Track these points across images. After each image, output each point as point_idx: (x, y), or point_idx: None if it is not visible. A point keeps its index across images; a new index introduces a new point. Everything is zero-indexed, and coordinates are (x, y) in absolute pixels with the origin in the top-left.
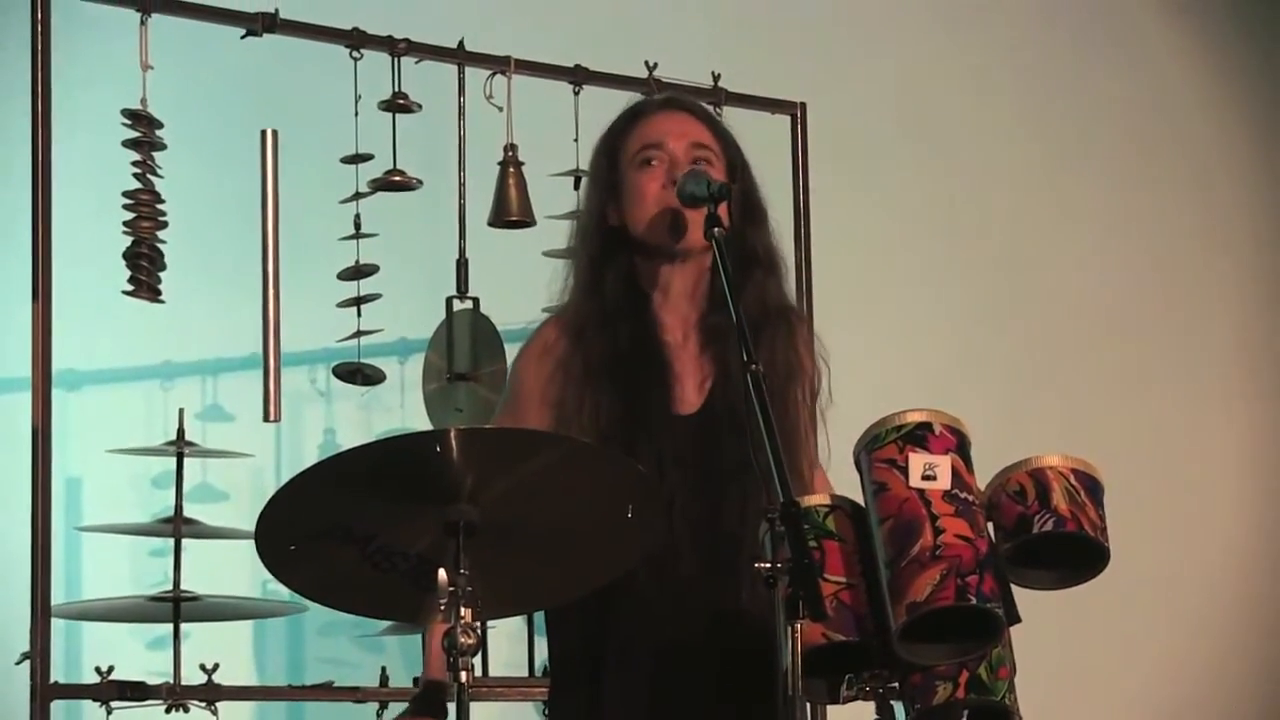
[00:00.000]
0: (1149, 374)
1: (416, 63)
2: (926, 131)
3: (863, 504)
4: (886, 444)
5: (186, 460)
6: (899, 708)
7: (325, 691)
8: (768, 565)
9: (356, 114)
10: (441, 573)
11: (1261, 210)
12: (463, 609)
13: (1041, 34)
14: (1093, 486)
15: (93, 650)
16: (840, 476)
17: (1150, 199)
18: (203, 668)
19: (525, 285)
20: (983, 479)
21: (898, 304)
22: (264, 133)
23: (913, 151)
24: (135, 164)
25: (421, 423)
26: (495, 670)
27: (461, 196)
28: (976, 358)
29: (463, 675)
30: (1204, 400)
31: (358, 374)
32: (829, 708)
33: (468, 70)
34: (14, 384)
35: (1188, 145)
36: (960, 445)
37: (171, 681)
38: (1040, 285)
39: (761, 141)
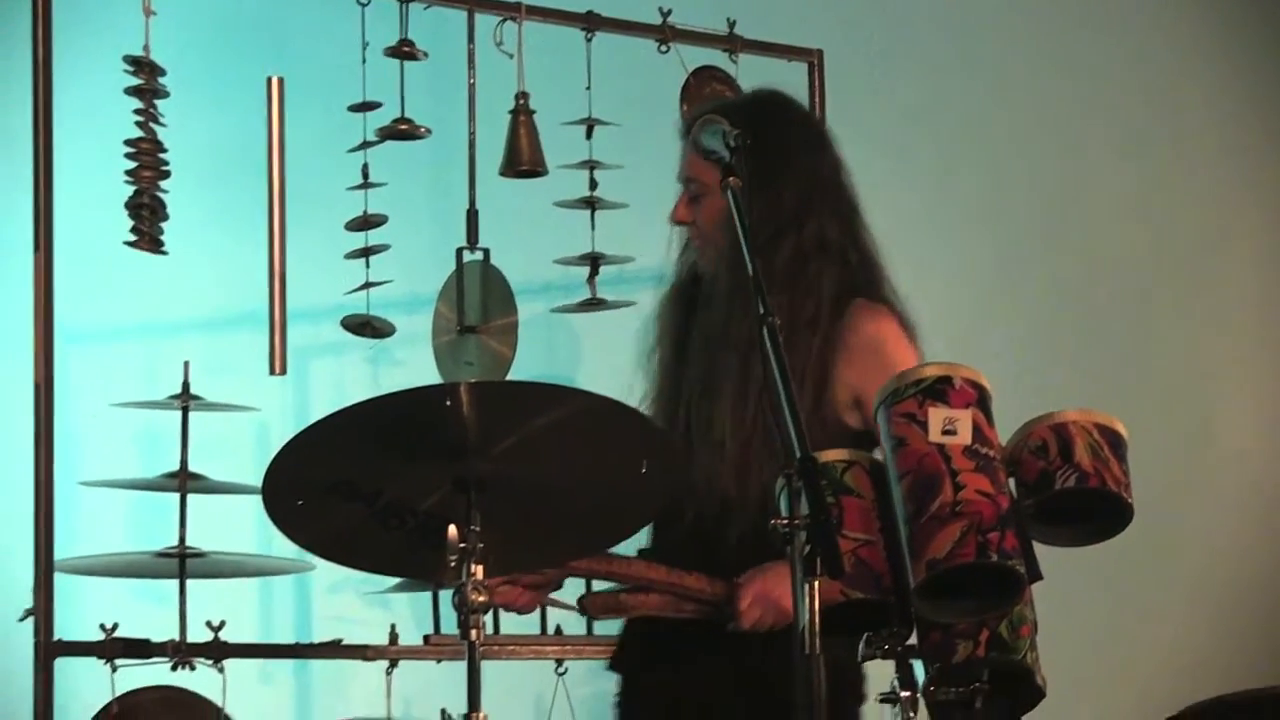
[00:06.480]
0: (1172, 327)
1: (425, 8)
2: (948, 79)
3: (881, 459)
4: (905, 398)
5: (191, 414)
6: (918, 666)
7: (333, 649)
8: (784, 521)
9: (364, 61)
10: (452, 529)
11: None
12: (473, 566)
13: None
14: (1116, 441)
15: (94, 608)
16: None
17: (1179, 153)
18: (209, 625)
19: (536, 236)
20: (1004, 433)
21: (917, 254)
22: (269, 80)
23: (934, 99)
24: (137, 112)
25: (431, 376)
26: (506, 629)
27: (471, 145)
28: (999, 308)
29: (473, 633)
30: (1222, 351)
31: (366, 326)
32: None
33: (478, 16)
34: (15, 337)
35: (1215, 97)
36: (981, 400)
37: (177, 639)
38: (1064, 235)
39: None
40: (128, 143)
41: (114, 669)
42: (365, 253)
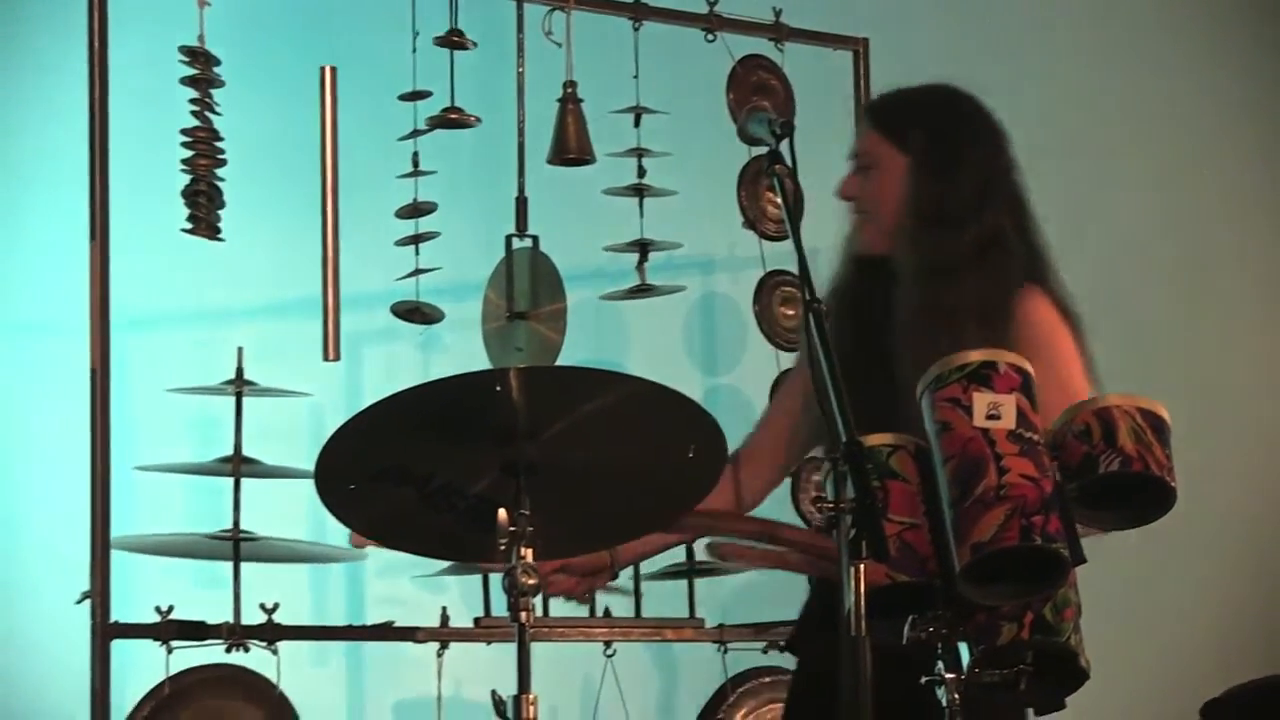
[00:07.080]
0: (1201, 315)
1: None
2: (992, 68)
3: (926, 444)
4: (950, 383)
5: (245, 399)
6: (963, 648)
7: (385, 631)
8: (830, 504)
9: (414, 50)
10: (502, 513)
11: None
12: (523, 549)
13: None
14: (1159, 426)
15: (150, 591)
16: None
17: (1206, 140)
18: (263, 607)
19: (585, 223)
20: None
21: None
22: (323, 70)
23: (977, 88)
24: (193, 101)
25: (480, 362)
26: (555, 610)
27: (520, 134)
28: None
29: (523, 616)
30: (1242, 339)
31: (416, 313)
32: None
33: (526, 6)
34: (72, 324)
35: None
36: (1024, 384)
37: (232, 621)
38: (1100, 223)
39: (823, 79)
40: (184, 132)
41: (169, 650)
42: (415, 240)
